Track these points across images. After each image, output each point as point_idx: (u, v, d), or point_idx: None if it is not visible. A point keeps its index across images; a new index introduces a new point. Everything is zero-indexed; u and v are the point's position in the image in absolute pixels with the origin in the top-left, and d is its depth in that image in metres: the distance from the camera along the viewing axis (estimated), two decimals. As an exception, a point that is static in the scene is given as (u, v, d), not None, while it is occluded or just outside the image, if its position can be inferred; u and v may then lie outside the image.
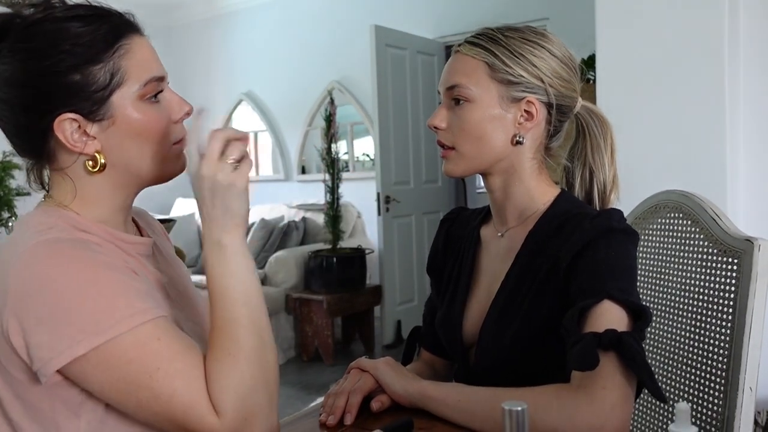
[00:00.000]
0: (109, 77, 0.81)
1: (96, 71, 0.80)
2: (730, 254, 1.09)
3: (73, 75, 0.79)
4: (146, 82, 0.83)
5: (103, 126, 0.82)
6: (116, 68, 0.81)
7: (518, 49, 0.98)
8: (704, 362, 1.11)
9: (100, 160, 0.83)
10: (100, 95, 0.80)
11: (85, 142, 0.82)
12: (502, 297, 0.99)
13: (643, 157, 2.12)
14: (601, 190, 1.04)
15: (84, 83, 0.80)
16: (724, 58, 2.00)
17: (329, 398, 0.98)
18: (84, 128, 0.81)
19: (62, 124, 0.80)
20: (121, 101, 0.82)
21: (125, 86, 0.82)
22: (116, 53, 0.81)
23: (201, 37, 6.18)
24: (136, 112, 0.83)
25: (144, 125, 0.83)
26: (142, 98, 0.83)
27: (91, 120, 0.81)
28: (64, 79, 0.79)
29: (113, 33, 0.82)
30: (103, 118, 0.82)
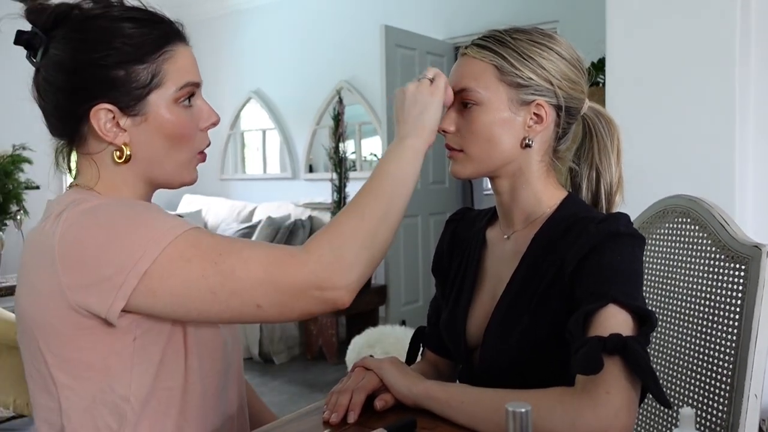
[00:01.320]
0: (150, 78, 0.87)
1: (139, 70, 0.86)
2: (738, 260, 1.09)
3: (118, 70, 0.86)
4: (182, 86, 0.89)
5: (136, 121, 0.88)
6: (158, 70, 0.87)
7: (527, 52, 0.97)
8: (710, 368, 1.11)
9: (126, 152, 0.88)
10: (139, 92, 0.87)
11: (116, 133, 0.88)
12: (507, 299, 0.99)
13: (652, 162, 2.12)
14: (607, 191, 1.04)
15: (126, 79, 0.86)
16: (735, 63, 1.99)
17: (333, 396, 0.98)
18: (118, 120, 0.87)
19: (98, 113, 0.86)
20: (156, 101, 0.88)
21: (163, 88, 0.88)
22: (161, 57, 0.88)
23: (210, 34, 6.19)
24: (169, 113, 0.89)
25: (173, 126, 0.90)
26: (176, 101, 0.89)
27: (126, 114, 0.87)
28: (110, 72, 0.86)
29: (161, 38, 0.89)
30: (137, 114, 0.88)
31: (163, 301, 0.80)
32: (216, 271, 0.79)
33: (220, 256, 0.80)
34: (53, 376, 0.86)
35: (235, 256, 0.80)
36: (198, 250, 0.80)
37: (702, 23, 2.04)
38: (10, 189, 3.48)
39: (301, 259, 0.81)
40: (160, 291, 0.79)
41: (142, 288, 0.79)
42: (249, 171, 6.19)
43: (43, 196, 0.94)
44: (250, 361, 4.19)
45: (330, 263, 0.81)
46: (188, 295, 0.80)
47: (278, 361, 4.16)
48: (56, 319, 0.82)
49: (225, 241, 0.83)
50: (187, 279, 0.79)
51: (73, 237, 0.81)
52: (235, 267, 0.79)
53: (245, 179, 6.11)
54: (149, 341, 0.86)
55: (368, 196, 0.88)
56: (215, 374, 0.96)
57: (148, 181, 0.93)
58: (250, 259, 0.80)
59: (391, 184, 0.89)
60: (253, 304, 0.80)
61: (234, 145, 6.17)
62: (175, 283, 0.79)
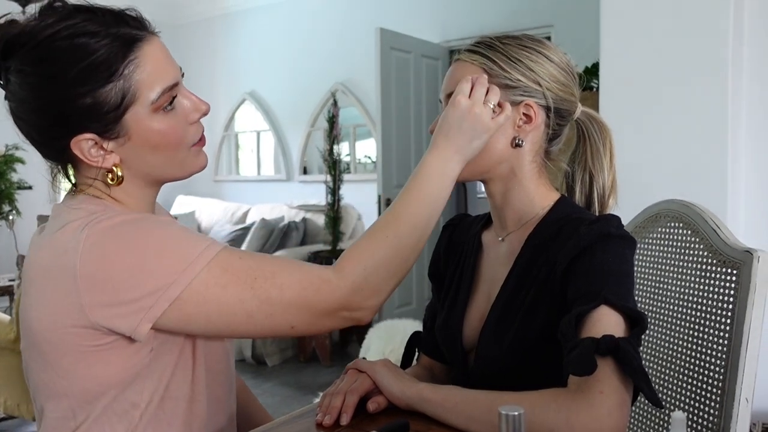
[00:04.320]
0: (120, 97, 0.80)
1: (106, 93, 0.79)
2: (730, 265, 1.09)
3: (84, 99, 0.79)
4: (159, 95, 0.83)
5: (119, 142, 0.84)
6: (127, 86, 0.80)
7: (515, 55, 1.00)
8: (701, 372, 1.11)
9: (117, 173, 0.84)
10: (113, 115, 0.81)
11: (103, 156, 0.84)
12: (501, 301, 1.00)
13: (645, 166, 2.13)
14: (600, 194, 1.06)
15: (96, 105, 0.79)
16: (728, 69, 2.00)
17: (325, 398, 0.98)
18: (101, 144, 0.83)
19: (79, 144, 0.82)
20: (135, 117, 0.82)
21: (137, 103, 0.82)
22: (126, 70, 0.80)
23: (205, 36, 6.19)
24: (152, 125, 0.83)
25: (160, 137, 0.85)
26: (156, 110, 0.83)
27: (107, 138, 0.83)
28: (76, 103, 0.79)
29: (124, 48, 0.80)
30: (118, 136, 0.83)
31: (197, 324, 0.82)
32: (252, 296, 0.80)
33: (255, 281, 0.81)
34: (64, 388, 0.85)
35: (270, 281, 0.81)
36: (232, 275, 0.81)
37: (695, 28, 2.06)
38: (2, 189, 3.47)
39: (334, 285, 0.83)
40: (196, 316, 0.80)
41: (176, 312, 0.79)
42: (243, 172, 6.18)
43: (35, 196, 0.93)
44: (243, 363, 4.18)
45: (361, 289, 0.84)
46: (225, 319, 0.81)
47: (271, 363, 4.16)
48: (70, 336, 0.81)
49: (257, 262, 0.83)
50: (223, 304, 0.80)
51: (98, 257, 0.78)
52: (271, 293, 0.81)
53: (239, 181, 6.10)
54: (164, 351, 0.86)
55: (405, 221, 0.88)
56: (219, 385, 0.96)
57: (153, 183, 0.92)
58: (284, 285, 0.82)
59: (426, 211, 0.89)
60: (288, 325, 0.83)
61: (228, 147, 6.16)
62: (211, 309, 0.80)
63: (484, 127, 0.92)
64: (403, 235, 0.87)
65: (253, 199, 5.65)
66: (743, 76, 2.09)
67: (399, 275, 0.88)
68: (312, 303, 0.82)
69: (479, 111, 0.92)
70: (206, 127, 0.94)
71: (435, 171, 0.90)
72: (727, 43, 2.00)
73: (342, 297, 0.83)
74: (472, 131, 0.91)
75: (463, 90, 0.94)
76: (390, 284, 0.87)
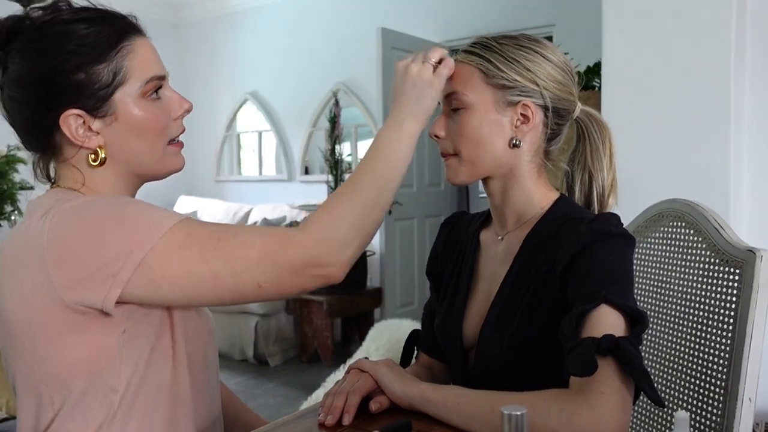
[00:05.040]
0: (111, 76, 0.86)
1: (99, 70, 0.85)
2: (732, 264, 1.09)
3: (78, 74, 0.85)
4: (147, 81, 0.89)
5: (106, 122, 0.88)
6: (119, 68, 0.87)
7: (512, 55, 0.99)
8: (704, 372, 1.11)
9: (101, 155, 0.88)
10: (103, 93, 0.86)
11: (89, 137, 0.88)
12: (500, 300, 1.00)
13: (647, 166, 2.12)
14: (599, 194, 1.05)
15: (88, 81, 0.85)
16: (730, 68, 2.00)
17: (328, 398, 0.98)
18: (88, 124, 0.87)
19: (67, 120, 0.86)
20: (123, 98, 0.87)
21: (127, 84, 0.87)
22: (119, 53, 0.87)
23: (207, 35, 6.19)
24: (138, 109, 0.88)
25: (145, 121, 0.89)
26: (143, 96, 0.89)
27: (95, 116, 0.87)
28: (70, 77, 0.85)
29: (116, 34, 0.87)
30: (105, 114, 0.87)
31: (164, 290, 0.81)
32: (217, 255, 0.80)
33: (219, 241, 0.81)
34: (40, 374, 0.85)
35: (233, 240, 0.82)
36: (195, 237, 0.81)
37: (697, 28, 2.05)
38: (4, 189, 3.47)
39: (298, 239, 0.83)
40: (162, 281, 0.80)
41: (142, 279, 0.79)
42: (245, 173, 6.18)
43: None
44: (245, 363, 4.18)
45: (326, 242, 0.83)
46: (191, 282, 0.81)
47: (273, 363, 4.16)
48: (44, 318, 0.82)
49: (219, 226, 0.85)
50: (187, 266, 0.80)
51: (62, 233, 0.81)
52: (234, 251, 0.81)
53: (241, 181, 6.10)
54: (138, 333, 0.86)
55: (363, 176, 0.89)
56: (201, 369, 0.96)
57: (132, 177, 0.94)
58: (248, 242, 0.82)
59: (385, 167, 0.90)
60: (255, 283, 0.81)
61: (230, 147, 6.16)
62: (176, 272, 0.80)
63: (425, 83, 0.94)
64: (364, 189, 0.88)
65: (255, 200, 5.65)
66: (746, 75, 2.09)
67: (365, 229, 0.87)
68: (277, 258, 0.81)
69: (417, 69, 0.94)
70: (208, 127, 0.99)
71: (389, 131, 0.92)
72: (729, 42, 2.00)
73: (308, 251, 0.82)
74: (414, 89, 0.93)
75: (415, 57, 0.97)
76: (356, 238, 0.86)
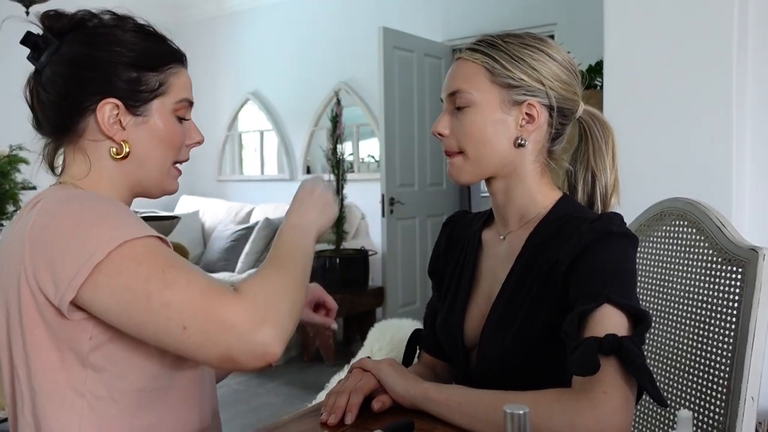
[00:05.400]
0: (158, 84, 0.93)
1: (150, 76, 0.93)
2: (735, 263, 1.09)
3: (131, 71, 0.92)
4: (181, 100, 0.96)
5: (137, 121, 0.93)
6: (165, 80, 0.94)
7: (518, 54, 0.99)
8: (706, 370, 1.11)
9: (125, 149, 0.93)
10: (146, 96, 0.93)
11: (117, 130, 0.92)
12: (502, 300, 1.00)
13: (649, 164, 2.12)
14: (602, 193, 1.05)
15: (137, 80, 0.92)
16: (732, 66, 2.00)
17: (330, 397, 0.98)
18: (120, 117, 0.92)
19: (105, 107, 0.91)
20: (159, 107, 0.94)
21: (166, 97, 0.95)
22: (169, 70, 0.95)
23: (209, 35, 6.19)
24: (166, 121, 0.95)
25: (168, 134, 0.95)
26: (174, 112, 0.96)
27: (131, 113, 0.92)
28: (124, 71, 0.91)
29: (171, 55, 0.96)
30: (140, 114, 0.93)
31: (101, 297, 0.79)
32: (159, 278, 0.78)
33: (170, 268, 0.79)
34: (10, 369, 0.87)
35: (184, 273, 0.80)
36: (152, 256, 0.80)
37: (699, 27, 2.05)
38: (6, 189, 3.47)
39: (236, 297, 0.79)
40: (103, 286, 0.79)
41: (91, 282, 0.79)
42: (246, 172, 6.18)
43: None
44: (247, 363, 4.18)
45: (263, 307, 0.79)
46: (125, 296, 0.78)
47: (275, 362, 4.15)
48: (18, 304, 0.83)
49: (179, 259, 0.82)
50: (131, 280, 0.78)
51: (43, 224, 0.82)
52: (178, 280, 0.78)
53: (243, 180, 6.10)
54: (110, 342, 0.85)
55: (288, 255, 0.89)
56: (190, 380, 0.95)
57: (133, 183, 0.96)
58: (193, 281, 0.79)
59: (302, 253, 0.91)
60: (181, 324, 0.77)
61: (231, 147, 6.16)
62: (118, 282, 0.78)
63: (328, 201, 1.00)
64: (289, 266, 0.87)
65: (257, 199, 5.65)
66: (748, 74, 2.09)
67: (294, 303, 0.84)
68: (211, 306, 0.77)
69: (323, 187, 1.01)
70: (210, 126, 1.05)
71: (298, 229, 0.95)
72: (731, 41, 2.00)
73: (242, 310, 0.78)
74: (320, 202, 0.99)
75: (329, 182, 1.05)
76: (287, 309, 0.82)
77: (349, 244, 4.48)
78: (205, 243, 5.42)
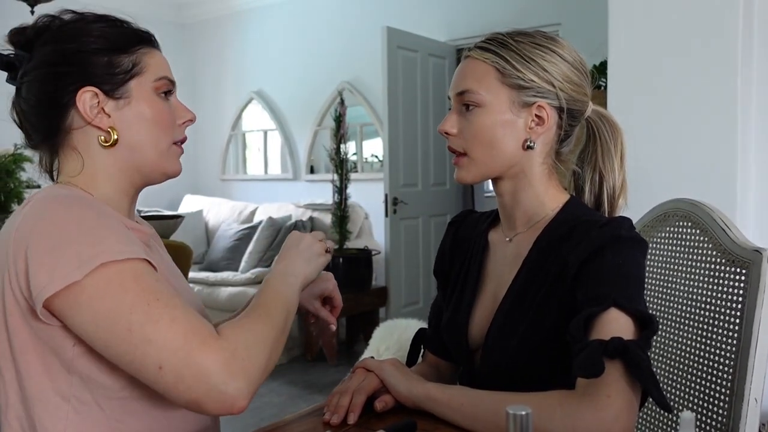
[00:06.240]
0: (131, 65, 0.93)
1: (121, 58, 0.92)
2: (739, 264, 1.09)
3: (101, 56, 0.91)
4: (160, 77, 0.95)
5: (119, 105, 0.92)
6: (138, 60, 0.94)
7: (529, 54, 0.97)
8: (710, 372, 1.11)
9: (113, 135, 0.92)
10: (121, 78, 0.92)
11: (101, 117, 0.91)
12: (508, 302, 0.99)
13: (653, 165, 2.12)
14: (610, 194, 1.04)
15: (109, 64, 0.92)
16: (737, 66, 1.99)
17: (333, 397, 0.98)
18: (102, 105, 0.91)
19: (83, 96, 0.90)
20: (138, 87, 0.93)
21: (143, 76, 0.94)
22: (139, 51, 0.94)
23: (213, 34, 6.20)
24: (149, 100, 0.94)
25: (153, 112, 0.94)
26: (155, 91, 0.95)
27: (110, 97, 0.92)
28: (93, 57, 0.91)
29: (137, 37, 0.96)
30: (120, 97, 0.92)
31: (81, 318, 0.78)
32: (144, 311, 0.77)
33: (157, 301, 0.78)
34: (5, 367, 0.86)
35: (169, 310, 0.78)
36: (138, 285, 0.78)
37: (704, 27, 2.04)
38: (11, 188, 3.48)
39: (220, 344, 0.78)
40: (86, 308, 0.77)
41: (70, 297, 0.77)
42: (250, 172, 6.19)
43: None
44: (250, 362, 4.18)
45: (240, 359, 0.78)
46: (107, 323, 0.77)
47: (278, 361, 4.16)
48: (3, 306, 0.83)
49: (167, 289, 0.81)
50: (115, 307, 0.77)
51: (30, 224, 0.81)
52: (162, 317, 0.77)
53: (246, 180, 6.11)
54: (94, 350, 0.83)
55: (271, 304, 0.90)
56: None
57: (131, 171, 0.94)
58: (177, 320, 0.78)
59: (284, 302, 0.92)
60: (158, 363, 0.76)
61: (235, 146, 6.17)
62: (102, 307, 0.77)
63: (316, 252, 1.02)
64: (272, 317, 0.88)
65: (260, 198, 5.66)
66: (753, 75, 2.08)
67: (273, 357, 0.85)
68: (191, 351, 0.76)
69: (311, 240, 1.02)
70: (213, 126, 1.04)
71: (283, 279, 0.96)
72: (736, 42, 1.99)
73: (222, 359, 0.77)
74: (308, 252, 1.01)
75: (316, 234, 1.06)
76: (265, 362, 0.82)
77: (353, 243, 4.47)
78: (208, 242, 5.43)
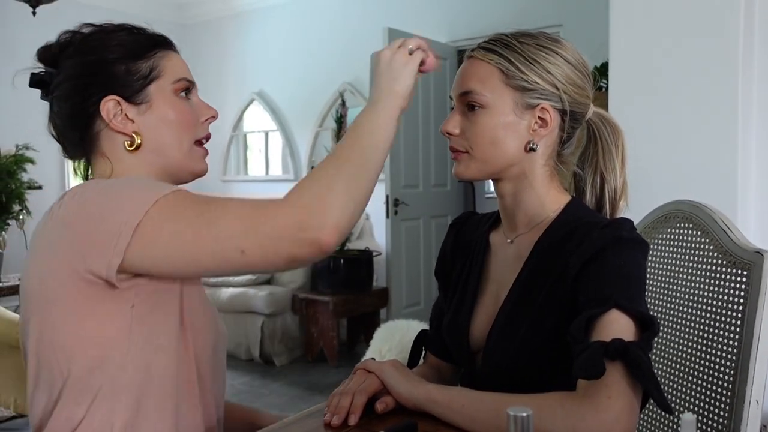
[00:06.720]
0: (149, 70, 0.97)
1: (139, 65, 0.97)
2: (740, 266, 1.09)
3: (119, 65, 0.96)
4: (178, 79, 1.00)
5: (141, 110, 0.97)
6: (155, 65, 0.98)
7: (533, 56, 0.97)
8: (711, 374, 1.11)
9: (136, 140, 0.97)
10: (140, 83, 0.97)
11: (125, 123, 0.96)
12: (509, 303, 0.99)
13: (654, 167, 2.12)
14: (611, 196, 1.04)
15: (128, 72, 0.96)
16: (738, 68, 1.99)
17: (334, 398, 0.98)
18: (125, 112, 0.96)
19: (107, 105, 0.96)
20: (158, 90, 0.98)
21: (162, 79, 0.98)
22: (156, 54, 0.99)
23: (214, 35, 6.20)
24: (170, 101, 0.98)
25: (175, 113, 0.98)
26: (175, 92, 0.99)
27: (132, 103, 0.96)
28: (112, 67, 0.96)
29: (154, 41, 1.00)
30: (141, 102, 0.97)
31: (153, 254, 0.83)
32: (201, 219, 0.82)
33: (207, 205, 0.83)
34: (47, 346, 0.88)
35: (221, 206, 0.83)
36: (186, 202, 0.84)
37: (705, 28, 2.04)
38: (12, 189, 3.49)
39: (280, 203, 0.82)
40: (151, 243, 0.82)
41: (137, 242, 0.82)
42: (251, 172, 6.19)
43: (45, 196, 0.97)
44: (251, 363, 4.19)
45: (309, 204, 0.80)
46: (175, 245, 0.82)
47: (279, 362, 4.16)
48: (59, 288, 0.86)
49: (212, 196, 0.87)
50: (174, 229, 0.82)
51: (77, 204, 0.86)
52: (218, 214, 0.82)
53: (247, 181, 6.11)
54: (147, 310, 0.89)
55: (344, 148, 0.88)
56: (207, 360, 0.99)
57: (159, 172, 0.99)
58: (232, 207, 0.83)
59: (366, 139, 0.88)
60: (238, 249, 0.80)
61: (236, 147, 6.17)
62: (163, 234, 0.82)
63: (400, 64, 0.93)
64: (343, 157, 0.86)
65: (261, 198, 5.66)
66: (754, 76, 2.08)
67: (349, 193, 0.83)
68: (258, 222, 0.80)
69: (390, 53, 0.93)
70: (214, 127, 1.06)
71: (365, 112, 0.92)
72: (737, 43, 1.99)
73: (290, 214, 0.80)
74: (390, 70, 0.93)
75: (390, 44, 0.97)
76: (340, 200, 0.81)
77: (354, 244, 4.48)
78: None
